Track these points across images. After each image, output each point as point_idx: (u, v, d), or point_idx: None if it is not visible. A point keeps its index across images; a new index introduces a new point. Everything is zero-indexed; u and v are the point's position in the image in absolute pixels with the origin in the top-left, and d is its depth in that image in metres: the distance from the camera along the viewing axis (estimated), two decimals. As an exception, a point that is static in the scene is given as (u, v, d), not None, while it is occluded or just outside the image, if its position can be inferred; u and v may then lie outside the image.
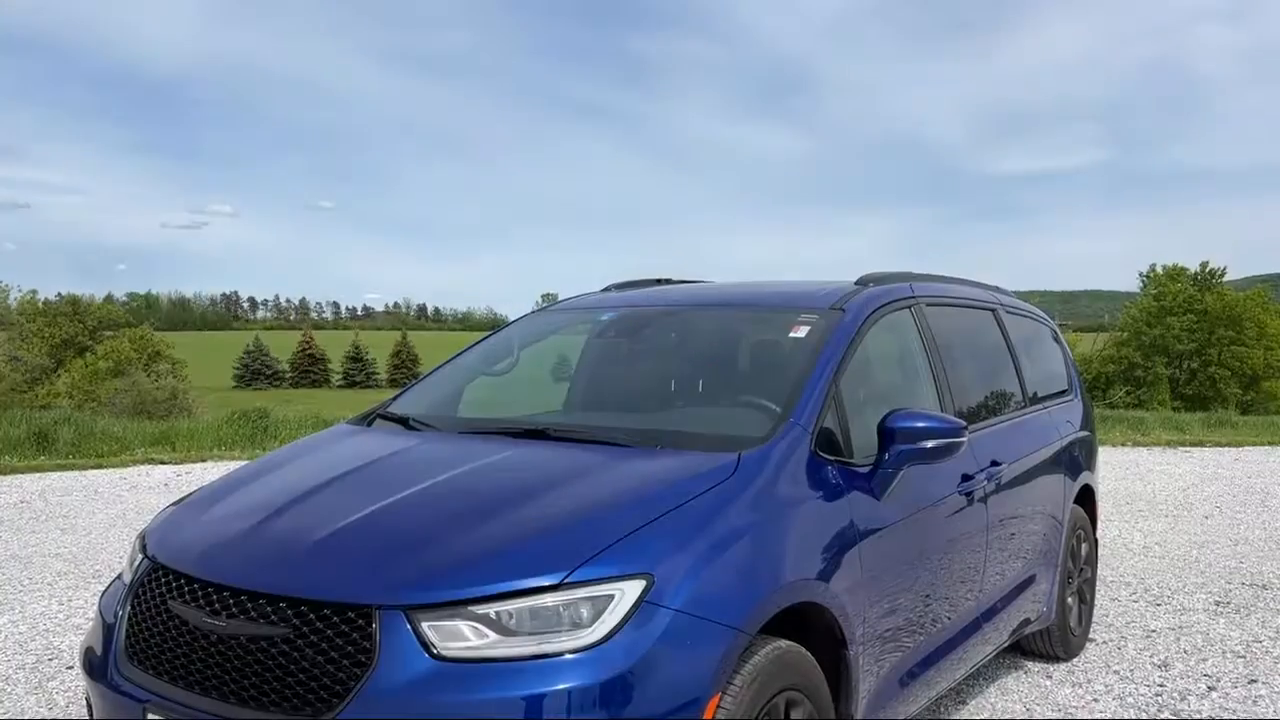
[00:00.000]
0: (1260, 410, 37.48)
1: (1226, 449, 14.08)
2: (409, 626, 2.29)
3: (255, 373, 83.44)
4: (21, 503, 8.74)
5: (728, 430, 3.22)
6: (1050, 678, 4.70)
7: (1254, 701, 4.41)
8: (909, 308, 3.95)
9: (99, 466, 10.89)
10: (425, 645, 2.28)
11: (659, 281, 4.77)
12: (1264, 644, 5.21)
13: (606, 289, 4.74)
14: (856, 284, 3.92)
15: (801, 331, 3.55)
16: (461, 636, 2.29)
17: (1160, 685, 4.59)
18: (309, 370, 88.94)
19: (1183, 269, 49.99)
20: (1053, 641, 4.82)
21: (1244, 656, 5.00)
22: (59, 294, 54.24)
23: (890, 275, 4.08)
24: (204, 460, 11.47)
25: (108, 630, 2.77)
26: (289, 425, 13.58)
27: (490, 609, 2.31)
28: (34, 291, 52.30)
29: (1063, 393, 5.24)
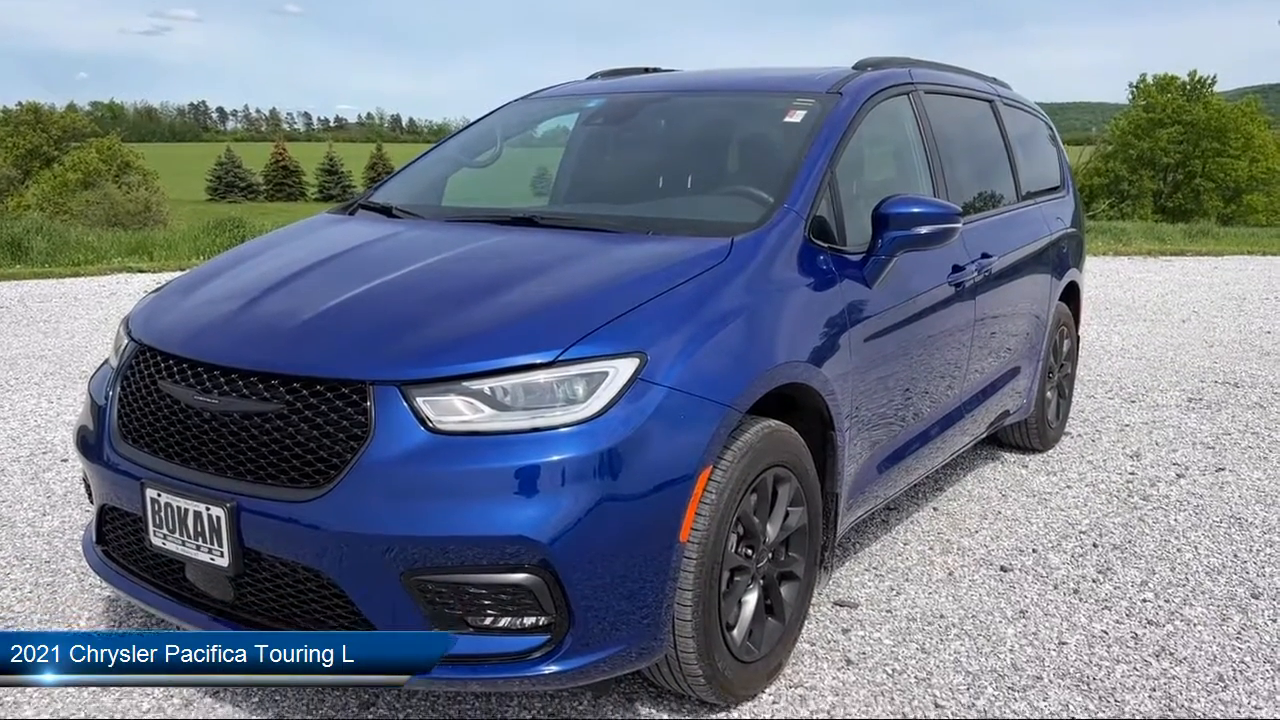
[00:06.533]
0: (1241, 223, 37.51)
1: (1206, 258, 14.16)
2: (404, 402, 2.29)
3: (229, 185, 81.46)
4: (0, 308, 8.66)
5: (721, 216, 3.17)
6: (1026, 467, 4.84)
7: (1220, 487, 4.57)
8: (907, 94, 3.83)
9: (76, 275, 10.76)
10: (421, 419, 2.28)
11: (647, 70, 4.59)
12: (1232, 436, 5.36)
13: (592, 76, 4.56)
14: (854, 68, 3.79)
15: (797, 116, 3.44)
16: (456, 411, 2.29)
17: (1131, 474, 4.74)
18: (283, 183, 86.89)
19: (1173, 79, 48.74)
20: (1030, 433, 4.94)
21: (1213, 447, 5.16)
22: (19, 103, 52.15)
23: (889, 60, 3.93)
24: (182, 269, 11.34)
25: (99, 411, 2.76)
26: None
27: (485, 385, 2.31)
28: (-8, 100, 50.19)
29: (1055, 189, 5.18)
